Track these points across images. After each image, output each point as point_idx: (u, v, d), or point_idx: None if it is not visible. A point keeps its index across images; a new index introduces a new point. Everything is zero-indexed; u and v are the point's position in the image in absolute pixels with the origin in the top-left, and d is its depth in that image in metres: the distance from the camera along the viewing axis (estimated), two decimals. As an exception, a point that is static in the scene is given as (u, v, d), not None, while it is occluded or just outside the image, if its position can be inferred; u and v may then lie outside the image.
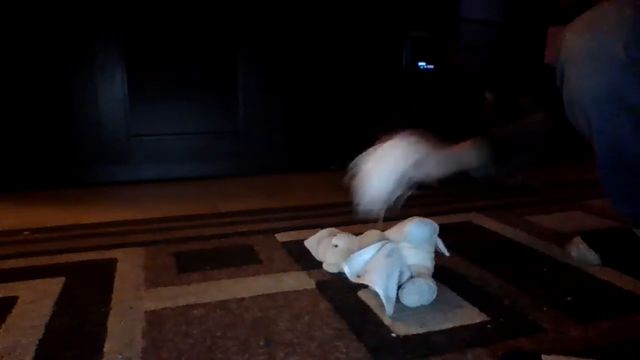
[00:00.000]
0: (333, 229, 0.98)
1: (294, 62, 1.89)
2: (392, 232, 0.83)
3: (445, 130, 0.93)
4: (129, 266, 0.93)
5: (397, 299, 0.74)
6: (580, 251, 0.94)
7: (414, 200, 1.49)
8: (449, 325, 0.69)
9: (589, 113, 0.77)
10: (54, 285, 0.84)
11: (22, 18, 1.56)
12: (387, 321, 0.70)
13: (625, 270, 0.88)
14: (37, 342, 0.65)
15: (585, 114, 0.78)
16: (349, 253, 0.83)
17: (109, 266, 0.93)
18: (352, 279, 0.79)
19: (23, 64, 1.59)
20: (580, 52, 0.75)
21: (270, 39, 1.84)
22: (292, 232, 1.12)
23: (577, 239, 0.95)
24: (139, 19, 1.68)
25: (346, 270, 0.80)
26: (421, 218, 0.81)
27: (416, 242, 0.80)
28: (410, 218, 0.81)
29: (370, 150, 0.86)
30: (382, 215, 0.84)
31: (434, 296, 0.76)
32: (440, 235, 0.84)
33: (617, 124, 0.76)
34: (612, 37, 0.70)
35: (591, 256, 0.92)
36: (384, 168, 0.83)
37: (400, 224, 0.82)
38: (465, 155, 0.91)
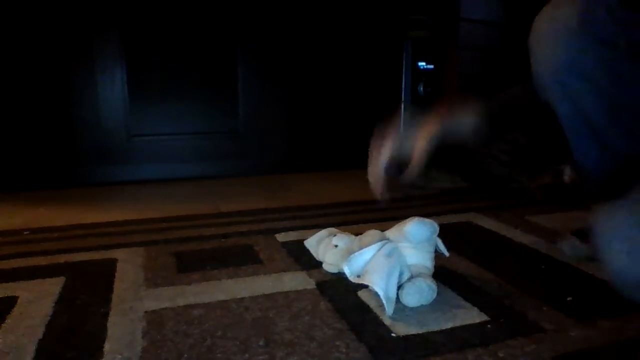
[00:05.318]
0: (333, 229, 0.98)
1: (294, 62, 1.89)
2: (392, 232, 0.83)
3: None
4: (129, 266, 0.93)
5: (397, 299, 0.74)
6: (571, 245, 0.95)
7: (414, 200, 1.49)
8: (449, 325, 0.69)
9: (550, 83, 0.79)
10: (54, 285, 0.84)
11: (22, 19, 1.56)
12: (387, 321, 0.70)
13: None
14: (37, 342, 0.65)
15: (547, 85, 0.80)
16: (349, 253, 0.83)
17: (109, 266, 0.93)
18: (352, 279, 0.79)
19: (23, 65, 1.59)
20: (541, 29, 0.80)
21: (271, 39, 1.84)
22: (292, 232, 1.12)
23: (568, 235, 0.97)
24: (139, 19, 1.68)
25: (346, 270, 0.80)
26: (421, 218, 0.81)
27: (416, 242, 0.80)
28: (410, 218, 0.81)
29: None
30: (384, 194, 0.85)
31: (434, 296, 0.76)
32: (440, 235, 0.84)
33: (575, 93, 0.78)
34: (567, 13, 0.75)
35: (582, 249, 0.94)
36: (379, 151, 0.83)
37: (400, 224, 0.82)
38: (456, 123, 0.89)
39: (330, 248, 0.89)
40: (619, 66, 0.75)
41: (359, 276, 0.78)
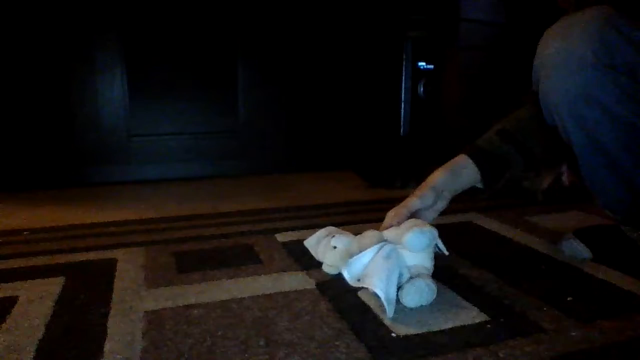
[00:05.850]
0: (332, 228, 0.97)
1: (294, 62, 1.89)
2: (391, 234, 0.83)
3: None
4: (129, 266, 0.93)
5: (397, 299, 0.74)
6: (571, 245, 0.95)
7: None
8: (449, 325, 0.69)
9: (563, 114, 0.79)
10: (54, 285, 0.84)
11: (22, 19, 1.56)
12: (387, 321, 0.70)
13: (614, 264, 0.90)
14: (37, 342, 0.65)
15: (560, 116, 0.79)
16: (348, 254, 0.83)
17: (109, 266, 0.93)
18: (352, 283, 0.79)
19: (24, 65, 1.59)
20: (553, 57, 0.77)
21: (271, 39, 1.84)
22: (292, 232, 1.12)
23: (569, 235, 0.97)
24: (138, 19, 1.68)
25: (346, 275, 0.79)
26: (420, 226, 0.79)
27: (415, 251, 0.79)
28: (409, 224, 0.80)
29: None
30: None
31: (434, 296, 0.76)
32: (440, 235, 0.83)
33: (592, 123, 0.77)
34: (580, 42, 0.74)
35: (582, 250, 0.94)
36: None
37: (400, 227, 0.82)
38: (455, 180, 0.89)
39: (329, 249, 0.89)
40: (637, 93, 0.74)
41: (359, 280, 0.78)
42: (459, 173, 0.89)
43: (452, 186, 0.89)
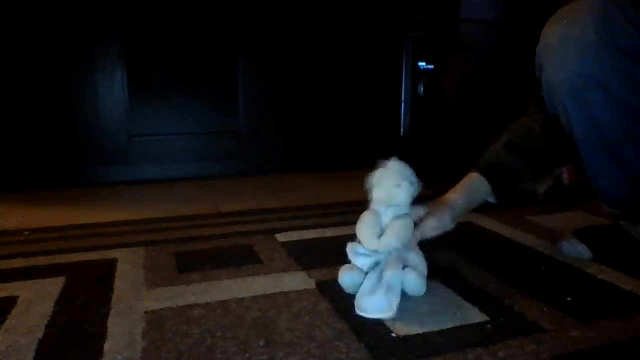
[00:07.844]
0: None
1: (294, 62, 1.89)
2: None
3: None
4: (129, 266, 0.93)
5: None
6: (571, 245, 0.95)
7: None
8: (449, 325, 0.69)
9: (565, 96, 0.79)
10: (54, 285, 0.84)
11: (22, 20, 1.56)
12: (387, 321, 0.70)
13: (614, 264, 0.90)
14: (37, 342, 0.65)
15: (562, 99, 0.79)
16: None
17: (109, 266, 0.93)
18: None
19: (24, 66, 1.59)
20: (556, 39, 0.78)
21: (271, 40, 1.84)
22: (292, 232, 1.12)
23: (568, 234, 0.97)
24: (139, 19, 1.68)
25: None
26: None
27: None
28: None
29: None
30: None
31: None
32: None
33: (593, 105, 0.77)
34: (583, 23, 0.74)
35: (582, 249, 0.94)
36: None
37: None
38: (466, 198, 0.89)
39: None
40: (637, 75, 0.74)
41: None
42: (473, 193, 0.90)
43: (468, 207, 0.90)
